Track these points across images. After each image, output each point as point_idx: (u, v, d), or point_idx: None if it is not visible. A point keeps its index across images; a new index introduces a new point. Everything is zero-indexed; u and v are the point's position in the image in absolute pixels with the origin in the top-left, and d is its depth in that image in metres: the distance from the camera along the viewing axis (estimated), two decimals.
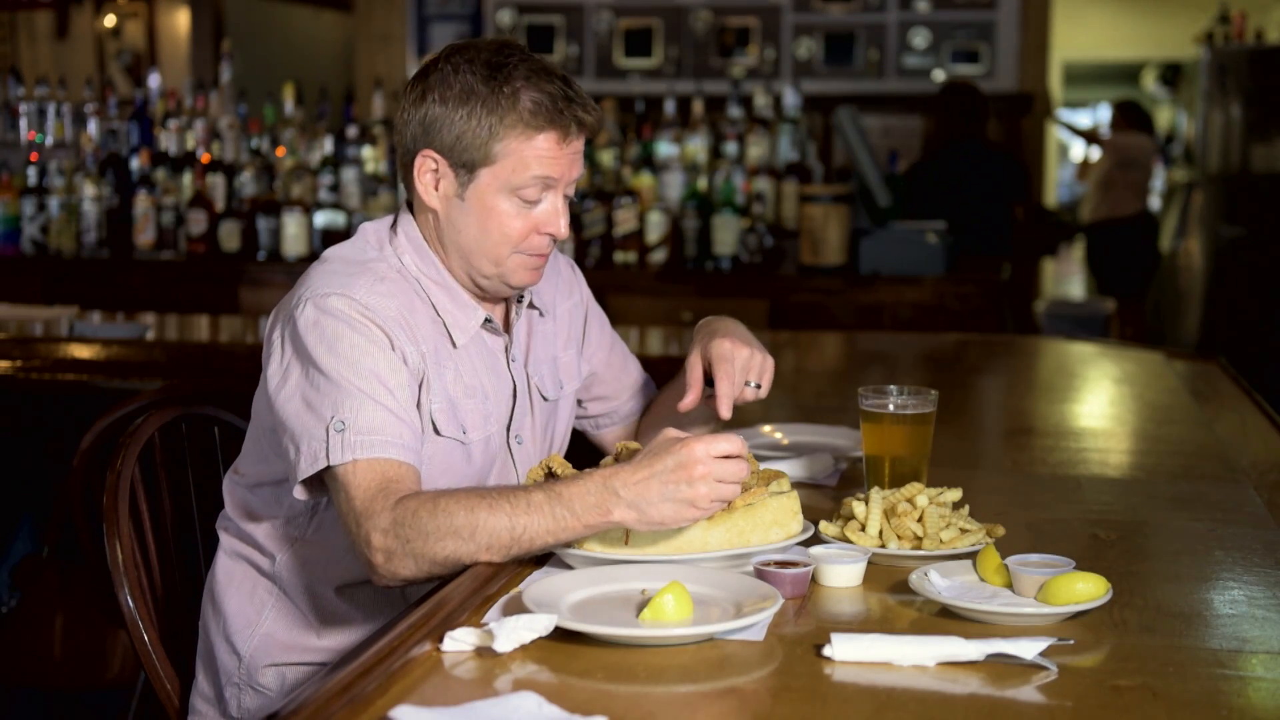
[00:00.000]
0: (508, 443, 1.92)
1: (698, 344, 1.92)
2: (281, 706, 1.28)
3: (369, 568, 1.66)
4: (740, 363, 1.87)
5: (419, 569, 1.63)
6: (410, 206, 1.91)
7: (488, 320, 1.90)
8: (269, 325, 1.84)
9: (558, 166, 1.81)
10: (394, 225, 1.90)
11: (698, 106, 5.15)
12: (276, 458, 1.85)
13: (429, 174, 1.84)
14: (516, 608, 1.50)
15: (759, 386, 1.89)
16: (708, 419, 2.03)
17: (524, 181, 1.80)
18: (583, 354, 2.08)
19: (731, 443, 1.60)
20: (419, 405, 1.79)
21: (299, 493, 1.74)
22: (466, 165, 1.81)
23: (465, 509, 1.61)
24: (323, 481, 1.73)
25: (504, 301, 1.96)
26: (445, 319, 1.86)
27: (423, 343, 1.81)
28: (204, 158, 5.09)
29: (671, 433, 1.63)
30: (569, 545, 1.65)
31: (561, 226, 1.85)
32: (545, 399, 1.98)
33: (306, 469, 1.70)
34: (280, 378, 1.76)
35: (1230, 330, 7.55)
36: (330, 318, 1.74)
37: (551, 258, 2.07)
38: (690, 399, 1.89)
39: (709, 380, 1.90)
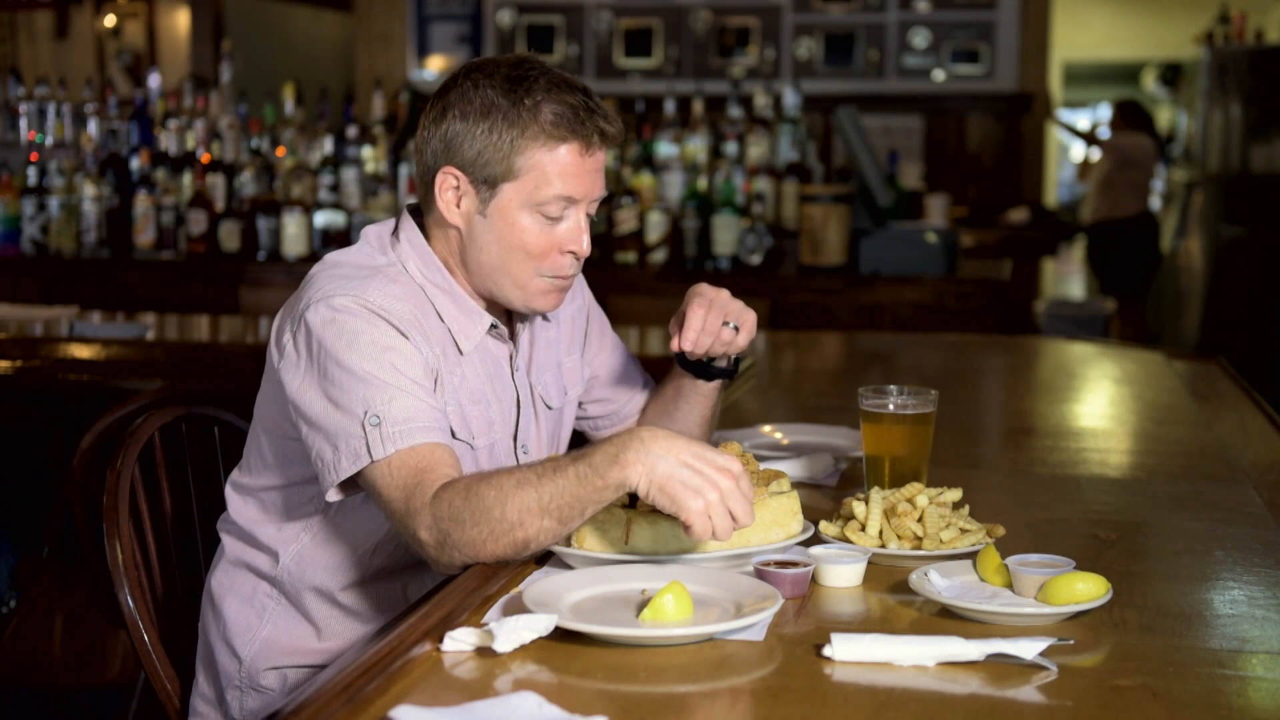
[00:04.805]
0: (514, 452, 1.92)
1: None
2: (282, 706, 1.28)
3: (427, 559, 1.66)
4: (720, 301, 1.86)
5: (464, 556, 1.62)
6: (412, 213, 1.89)
7: (493, 326, 1.88)
8: (275, 330, 1.81)
9: (580, 181, 1.78)
10: (395, 231, 1.88)
11: (698, 106, 5.15)
12: (280, 463, 1.84)
13: (450, 191, 1.81)
14: (516, 608, 1.50)
15: (737, 329, 1.88)
16: (709, 435, 2.04)
17: (547, 197, 1.77)
18: (584, 357, 2.07)
19: (749, 506, 1.57)
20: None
21: (333, 495, 1.71)
22: (488, 181, 1.78)
23: (495, 489, 1.59)
24: (353, 481, 1.71)
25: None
26: (451, 326, 1.84)
27: (435, 345, 1.80)
28: (204, 158, 5.09)
29: None
30: (590, 515, 1.61)
31: (584, 244, 1.82)
32: (549, 407, 1.97)
33: (349, 467, 1.67)
34: (299, 381, 1.73)
35: (1230, 330, 7.56)
36: (345, 315, 1.72)
37: None
38: (674, 344, 1.87)
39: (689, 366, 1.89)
